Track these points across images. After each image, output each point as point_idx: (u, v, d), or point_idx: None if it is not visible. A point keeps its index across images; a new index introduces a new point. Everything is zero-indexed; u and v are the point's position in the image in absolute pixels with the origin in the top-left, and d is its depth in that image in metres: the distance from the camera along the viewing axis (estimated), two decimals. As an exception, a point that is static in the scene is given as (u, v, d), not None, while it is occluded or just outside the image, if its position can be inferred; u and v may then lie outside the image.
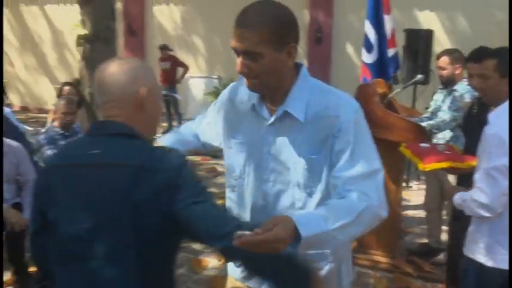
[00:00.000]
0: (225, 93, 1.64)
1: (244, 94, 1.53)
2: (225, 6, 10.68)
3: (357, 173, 1.36)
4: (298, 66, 1.49)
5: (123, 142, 1.29)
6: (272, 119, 1.46)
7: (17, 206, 3.24)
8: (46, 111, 11.77)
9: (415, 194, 5.61)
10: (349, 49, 10.10)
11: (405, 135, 3.34)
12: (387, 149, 3.53)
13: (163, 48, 9.23)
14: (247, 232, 1.10)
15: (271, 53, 1.33)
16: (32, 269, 3.20)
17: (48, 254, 1.34)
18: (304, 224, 1.20)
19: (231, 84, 1.65)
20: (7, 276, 3.32)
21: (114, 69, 1.31)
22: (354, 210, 1.29)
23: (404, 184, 5.26)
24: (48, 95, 12.11)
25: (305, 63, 10.34)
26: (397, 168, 3.59)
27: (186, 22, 11.01)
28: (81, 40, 6.67)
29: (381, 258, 3.67)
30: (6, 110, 5.33)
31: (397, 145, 3.35)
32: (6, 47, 12.21)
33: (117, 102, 1.30)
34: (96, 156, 1.27)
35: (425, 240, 4.08)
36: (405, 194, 5.16)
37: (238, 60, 1.37)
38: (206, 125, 1.73)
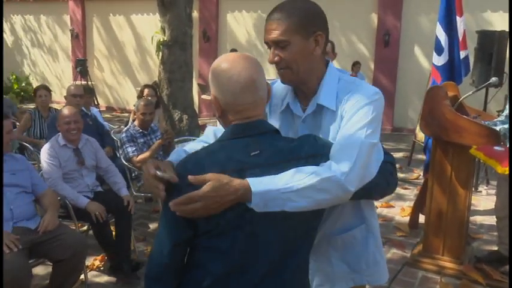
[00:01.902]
0: None
1: (279, 97, 1.55)
2: (294, 12, 10.65)
3: (341, 143, 1.30)
4: (327, 62, 1.50)
5: (278, 138, 1.29)
6: (305, 114, 1.47)
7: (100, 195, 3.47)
8: (128, 111, 12.37)
9: (484, 199, 5.28)
10: (417, 52, 9.69)
11: (476, 138, 3.13)
12: (457, 153, 3.36)
13: (232, 51, 9.41)
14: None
15: (299, 40, 1.37)
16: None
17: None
18: (256, 181, 1.18)
19: None
20: (89, 261, 3.51)
21: (255, 66, 1.26)
22: (317, 176, 1.20)
23: (472, 189, 4.94)
24: (130, 96, 12.70)
25: (372, 66, 10.07)
26: (466, 172, 3.37)
27: (256, 28, 11.10)
28: (160, 46, 6.93)
29: (448, 263, 3.46)
30: (94, 109, 5.66)
31: (467, 149, 3.16)
32: (96, 54, 12.96)
33: (260, 101, 1.28)
34: (265, 155, 1.23)
35: (494, 248, 3.80)
36: (474, 198, 4.86)
37: (271, 51, 1.41)
38: None
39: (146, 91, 5.43)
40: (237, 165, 1.20)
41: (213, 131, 1.58)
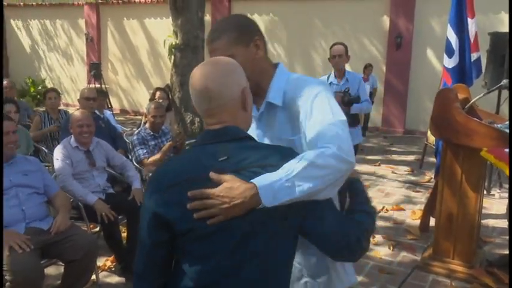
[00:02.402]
0: None
1: None
2: (305, 16, 10.64)
3: (318, 130, 1.36)
4: (275, 66, 1.58)
5: (247, 145, 1.27)
6: (258, 113, 1.56)
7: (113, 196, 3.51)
8: (141, 114, 12.48)
9: (496, 202, 5.20)
10: (430, 54, 9.61)
11: (487, 142, 3.09)
12: (467, 156, 3.32)
13: None
14: None
15: (241, 50, 1.45)
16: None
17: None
18: (258, 178, 1.20)
19: None
20: (101, 261, 3.54)
21: (215, 74, 1.25)
22: (308, 156, 1.24)
23: (485, 192, 4.87)
24: (143, 99, 12.79)
25: (384, 68, 10.01)
26: (477, 175, 3.33)
27: (268, 32, 11.11)
28: (173, 49, 6.98)
29: (458, 267, 3.42)
30: (107, 112, 5.72)
31: (478, 152, 3.12)
32: (110, 57, 13.10)
33: (225, 106, 1.26)
34: (231, 162, 1.22)
35: (506, 252, 3.74)
36: (486, 202, 4.80)
37: None
38: None
39: (158, 94, 5.47)
40: (206, 170, 1.20)
41: None
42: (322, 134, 1.33)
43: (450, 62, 4.15)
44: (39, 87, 13.75)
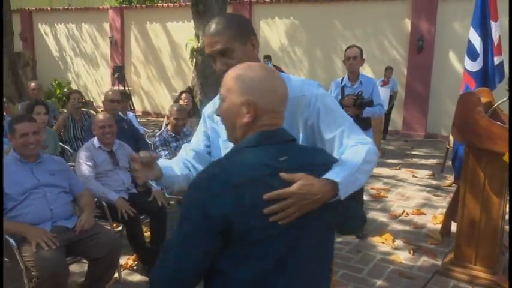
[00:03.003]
0: (208, 108, 1.73)
1: None
2: (326, 19, 10.61)
3: (348, 126, 1.50)
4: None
5: (297, 146, 1.37)
6: None
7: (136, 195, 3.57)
8: (163, 116, 12.61)
9: (521, 208, 5.08)
10: (452, 57, 9.47)
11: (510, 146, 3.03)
12: (490, 161, 3.27)
13: (265, 57, 9.58)
14: None
15: (239, 46, 1.53)
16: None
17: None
18: (333, 173, 1.30)
19: (211, 102, 1.74)
20: (123, 260, 3.60)
21: (281, 81, 1.33)
22: (361, 152, 1.40)
23: (508, 197, 4.77)
24: (165, 101, 12.93)
25: (405, 71, 9.89)
26: (500, 180, 3.26)
27: (289, 35, 11.12)
28: (194, 52, 7.06)
29: (481, 273, 3.36)
30: (130, 114, 5.81)
31: (501, 156, 3.06)
32: (133, 60, 13.29)
33: (283, 112, 1.34)
34: (291, 162, 1.26)
35: (531, 258, 3.65)
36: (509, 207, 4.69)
37: (217, 62, 1.54)
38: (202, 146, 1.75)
39: (184, 96, 5.52)
40: (270, 170, 1.21)
41: (191, 149, 1.72)
42: (352, 129, 1.49)
43: (474, 66, 4.07)
44: (65, 89, 14.04)
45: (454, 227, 4.18)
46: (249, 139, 1.29)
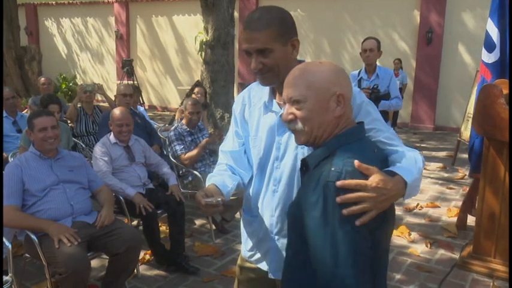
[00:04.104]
0: (237, 106, 1.70)
1: (258, 97, 1.63)
2: (333, 11, 10.53)
3: (391, 133, 1.46)
4: (300, 62, 1.55)
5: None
6: (282, 110, 1.47)
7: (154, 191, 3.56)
8: (169, 110, 12.60)
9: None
10: (461, 50, 9.40)
11: (533, 138, 2.99)
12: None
13: None
14: None
15: (279, 47, 1.46)
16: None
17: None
18: (404, 172, 1.25)
19: (238, 96, 1.72)
20: (140, 255, 3.59)
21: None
22: (416, 157, 1.35)
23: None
24: (172, 95, 12.92)
25: (413, 63, 9.83)
26: (521, 173, 3.23)
27: (296, 27, 11.05)
28: (203, 45, 7.00)
29: (499, 266, 3.34)
30: (140, 108, 5.78)
31: (524, 149, 3.03)
32: (139, 54, 13.25)
33: None
34: (379, 154, 1.32)
35: (550, 251, 3.63)
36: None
37: (252, 59, 1.47)
38: (241, 144, 1.73)
39: (197, 89, 5.49)
40: (375, 163, 1.20)
41: (230, 153, 1.69)
42: (394, 139, 1.43)
43: (490, 57, 4.02)
44: (71, 84, 14.03)
45: (469, 220, 4.16)
46: (350, 135, 1.26)
